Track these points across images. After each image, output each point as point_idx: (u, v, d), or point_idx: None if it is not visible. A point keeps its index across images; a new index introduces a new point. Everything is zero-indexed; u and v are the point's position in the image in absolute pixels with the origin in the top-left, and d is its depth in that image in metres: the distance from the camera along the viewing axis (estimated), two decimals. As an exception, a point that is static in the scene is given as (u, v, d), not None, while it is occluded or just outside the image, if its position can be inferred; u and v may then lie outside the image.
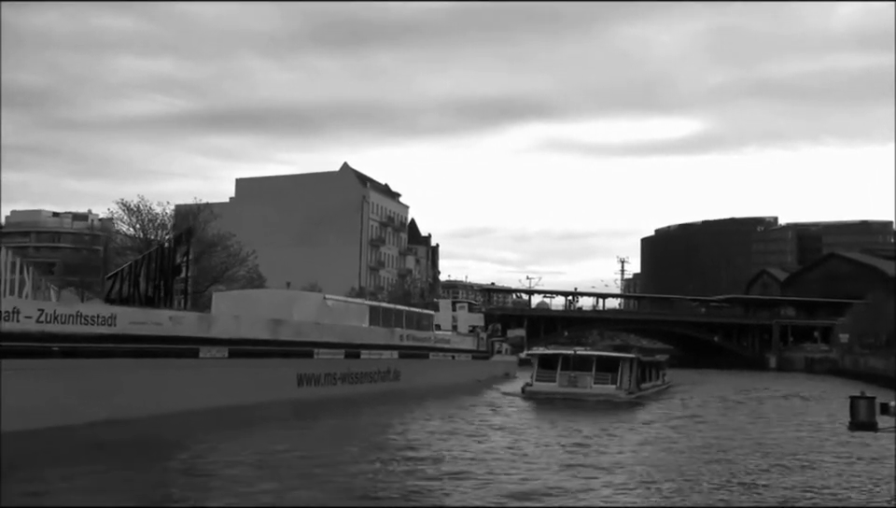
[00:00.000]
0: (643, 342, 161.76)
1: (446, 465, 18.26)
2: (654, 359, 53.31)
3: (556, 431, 26.16)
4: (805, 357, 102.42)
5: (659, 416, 33.27)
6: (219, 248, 47.00)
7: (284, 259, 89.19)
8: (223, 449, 20.42)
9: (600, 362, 40.63)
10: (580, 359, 41.05)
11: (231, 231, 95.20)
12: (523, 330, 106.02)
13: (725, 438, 25.46)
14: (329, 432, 25.19)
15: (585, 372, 39.65)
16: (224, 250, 47.03)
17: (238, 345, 30.17)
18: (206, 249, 46.04)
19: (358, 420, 29.30)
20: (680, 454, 21.72)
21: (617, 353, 45.71)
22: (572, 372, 39.71)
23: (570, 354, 41.71)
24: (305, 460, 18.52)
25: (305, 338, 34.82)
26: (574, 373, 39.55)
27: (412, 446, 21.56)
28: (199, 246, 45.07)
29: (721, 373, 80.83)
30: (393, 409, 32.88)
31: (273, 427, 25.57)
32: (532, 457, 20.11)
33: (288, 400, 32.27)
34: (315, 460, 18.40)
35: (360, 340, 39.77)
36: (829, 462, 20.55)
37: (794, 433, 27.77)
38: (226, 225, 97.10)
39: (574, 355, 41.37)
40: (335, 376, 36.70)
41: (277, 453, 19.51)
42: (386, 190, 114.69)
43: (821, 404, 42.36)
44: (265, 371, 31.58)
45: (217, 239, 47.25)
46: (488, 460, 18.98)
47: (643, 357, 48.09)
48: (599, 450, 21.60)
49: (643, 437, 25.66)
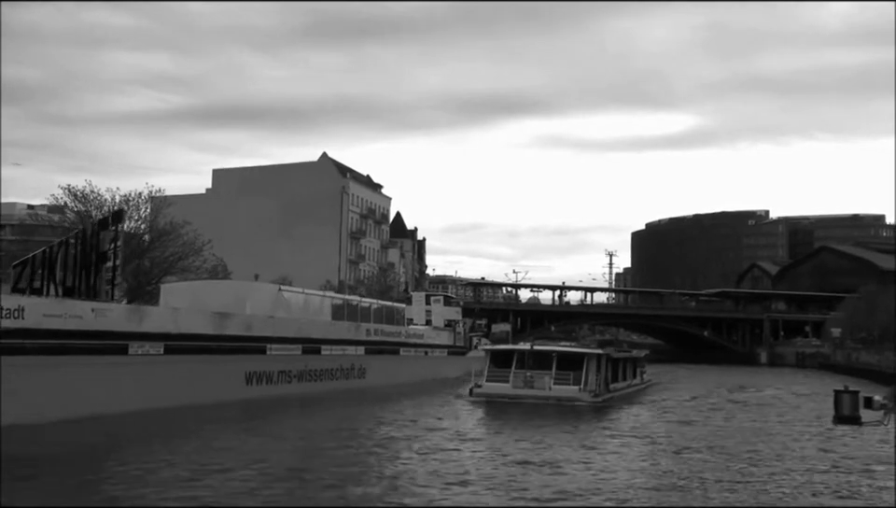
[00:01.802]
0: (633, 336, 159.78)
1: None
2: (630, 354, 48.15)
3: (470, 457, 19.38)
4: (796, 351, 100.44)
5: (618, 427, 27.17)
6: (172, 237, 44.17)
7: (260, 251, 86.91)
8: (128, 462, 17.84)
9: (562, 359, 34.99)
10: (538, 355, 35.51)
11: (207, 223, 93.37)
12: (508, 325, 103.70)
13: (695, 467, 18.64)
14: (245, 444, 21.01)
15: (544, 370, 34.45)
16: (177, 239, 44.17)
17: (176, 340, 27.60)
18: (158, 239, 43.30)
19: (282, 427, 25.22)
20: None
21: (582, 348, 39.29)
22: (529, 370, 34.56)
23: (527, 349, 35.95)
24: (222, 474, 16.03)
25: (256, 333, 32.23)
26: (531, 373, 34.42)
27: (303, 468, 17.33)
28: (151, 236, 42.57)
29: (711, 368, 78.60)
30: (338, 412, 29.74)
31: (203, 433, 22.90)
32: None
33: (235, 400, 29.82)
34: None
35: (321, 335, 37.17)
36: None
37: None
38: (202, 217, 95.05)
39: (531, 350, 35.71)
40: (290, 374, 34.15)
41: (185, 465, 16.98)
42: (368, 182, 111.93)
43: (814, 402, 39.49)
44: (208, 369, 29.02)
45: (171, 228, 44.57)
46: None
47: (615, 352, 42.96)
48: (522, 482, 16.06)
49: (586, 454, 20.17)
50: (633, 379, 44.63)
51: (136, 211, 41.27)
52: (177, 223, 44.98)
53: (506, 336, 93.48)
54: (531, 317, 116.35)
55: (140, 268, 41.38)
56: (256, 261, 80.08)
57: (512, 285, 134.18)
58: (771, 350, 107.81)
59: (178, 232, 44.53)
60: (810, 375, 69.65)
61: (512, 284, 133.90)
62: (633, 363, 46.05)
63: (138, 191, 41.46)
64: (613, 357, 39.78)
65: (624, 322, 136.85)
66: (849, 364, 72.51)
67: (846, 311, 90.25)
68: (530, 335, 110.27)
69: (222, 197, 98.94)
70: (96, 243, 24.86)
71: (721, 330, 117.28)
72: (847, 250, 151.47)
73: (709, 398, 41.60)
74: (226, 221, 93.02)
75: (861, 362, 70.33)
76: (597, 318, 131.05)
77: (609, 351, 40.88)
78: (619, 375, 40.81)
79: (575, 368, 34.39)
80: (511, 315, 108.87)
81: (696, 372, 71.92)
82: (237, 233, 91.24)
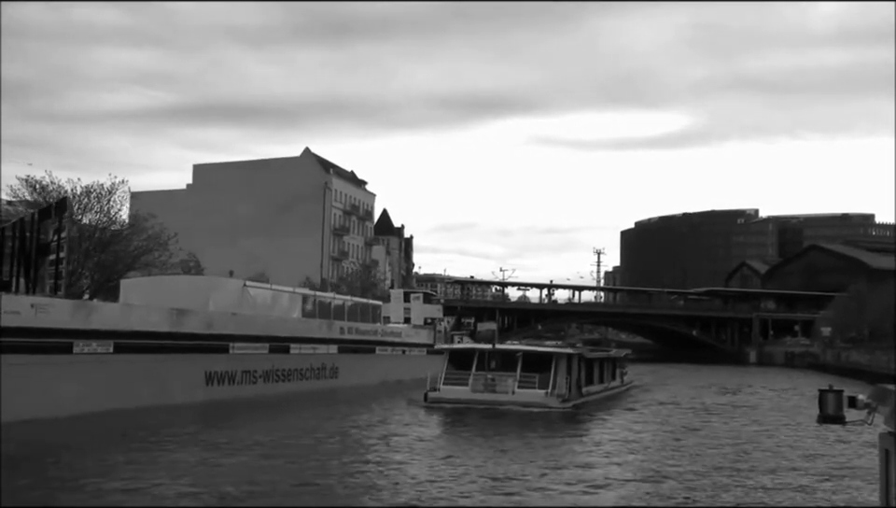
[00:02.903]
0: (622, 335, 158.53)
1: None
2: (608, 354, 44.44)
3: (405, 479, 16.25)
4: (785, 351, 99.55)
5: (585, 440, 23.58)
6: (135, 230, 42.25)
7: (241, 247, 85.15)
8: (55, 473, 16.15)
9: (528, 359, 31.66)
10: (501, 355, 32.21)
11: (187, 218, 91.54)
12: (494, 323, 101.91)
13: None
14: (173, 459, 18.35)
15: (507, 372, 31.16)
16: (141, 233, 42.28)
17: (127, 338, 25.94)
18: (120, 232, 41.46)
19: (232, 433, 22.57)
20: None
21: (551, 347, 36.23)
22: (490, 372, 31.27)
23: (489, 349, 32.53)
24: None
25: (218, 330, 30.60)
26: (493, 375, 31.09)
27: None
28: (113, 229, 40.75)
29: (698, 368, 77.20)
30: (297, 417, 27.79)
31: (138, 441, 20.99)
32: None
33: (194, 402, 28.24)
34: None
35: (290, 332, 35.56)
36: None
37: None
38: (181, 213, 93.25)
39: (493, 350, 32.38)
40: (255, 374, 32.50)
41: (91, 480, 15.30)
42: (352, 178, 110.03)
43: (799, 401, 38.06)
44: (164, 369, 27.42)
45: (134, 220, 42.59)
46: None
47: (589, 351, 39.64)
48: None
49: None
50: (611, 381, 41.47)
51: (98, 203, 39.52)
52: (142, 216, 43.16)
53: (492, 335, 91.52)
54: (518, 316, 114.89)
55: (102, 263, 39.55)
56: (235, 257, 78.36)
57: (500, 283, 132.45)
58: (760, 350, 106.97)
59: (143, 225, 42.68)
60: (799, 376, 68.26)
61: (500, 282, 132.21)
62: (611, 364, 42.80)
63: (100, 182, 39.66)
64: (587, 357, 36.60)
65: (612, 321, 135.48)
66: (839, 364, 71.82)
67: (835, 310, 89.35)
68: (517, 334, 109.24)
69: (202, 192, 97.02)
70: (37, 234, 23.13)
71: (709, 329, 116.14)
72: (837, 249, 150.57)
73: (692, 401, 38.90)
74: (206, 217, 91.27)
75: (851, 362, 69.55)
76: (585, 317, 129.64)
77: (583, 350, 37.99)
78: (594, 377, 37.64)
79: (542, 369, 31.17)
80: (497, 313, 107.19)
81: (684, 372, 70.51)
82: (217, 229, 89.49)
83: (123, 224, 42.08)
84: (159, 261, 43.28)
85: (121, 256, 40.46)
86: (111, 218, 40.50)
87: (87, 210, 39.07)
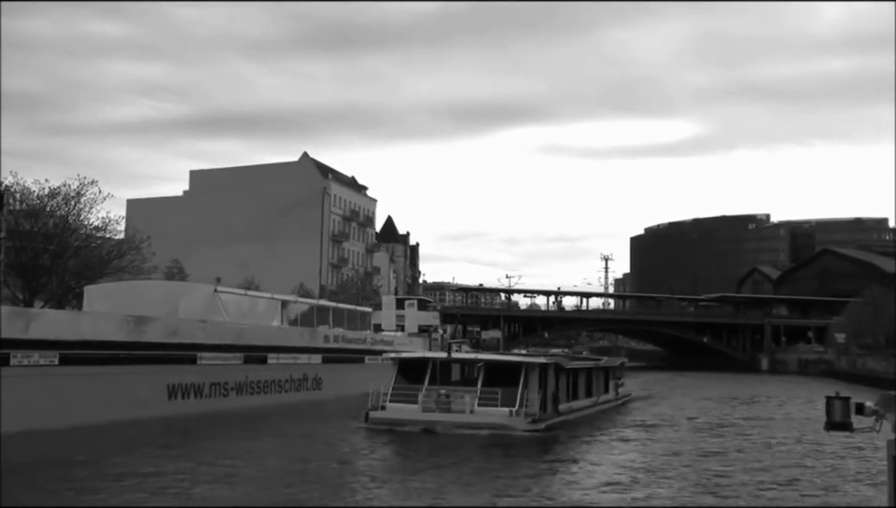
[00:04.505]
0: (632, 343, 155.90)
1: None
2: (597, 363, 38.48)
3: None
4: (798, 358, 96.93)
5: (543, 479, 18.51)
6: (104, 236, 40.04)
7: (236, 254, 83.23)
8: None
9: (491, 371, 26.34)
10: (460, 365, 27.23)
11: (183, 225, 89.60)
12: (499, 331, 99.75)
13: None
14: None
15: (466, 386, 26.08)
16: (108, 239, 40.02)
17: (76, 348, 23.72)
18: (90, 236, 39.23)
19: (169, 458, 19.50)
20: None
21: (520, 356, 30.94)
22: (444, 387, 26.05)
23: (443, 359, 27.04)
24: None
25: (184, 339, 28.40)
26: (448, 390, 25.84)
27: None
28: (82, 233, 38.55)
29: (708, 376, 74.79)
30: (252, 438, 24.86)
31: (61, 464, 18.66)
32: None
33: (154, 417, 25.95)
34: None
35: (267, 341, 33.32)
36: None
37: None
38: (177, 219, 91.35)
39: (449, 359, 27.02)
40: (226, 386, 30.23)
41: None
42: (351, 183, 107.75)
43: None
44: (120, 381, 25.17)
45: (104, 224, 40.41)
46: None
47: (569, 360, 33.87)
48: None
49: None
50: (602, 395, 36.52)
51: (67, 205, 37.35)
52: (112, 219, 40.98)
53: (496, 343, 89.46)
54: (524, 324, 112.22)
55: (70, 268, 37.37)
56: (229, 263, 76.38)
57: (505, 290, 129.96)
58: (772, 357, 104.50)
59: (114, 228, 40.55)
60: (815, 384, 65.56)
61: (506, 289, 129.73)
62: (602, 374, 37.37)
63: (68, 183, 37.50)
64: (567, 367, 30.70)
65: (621, 328, 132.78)
66: (855, 371, 69.65)
67: (850, 316, 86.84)
68: (523, 342, 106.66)
69: (199, 198, 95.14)
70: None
71: (720, 336, 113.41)
72: (850, 253, 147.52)
73: (694, 418, 34.38)
74: (201, 223, 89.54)
75: (867, 369, 67.28)
76: (592, 324, 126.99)
77: (560, 359, 32.13)
78: (578, 391, 32.49)
79: (508, 383, 25.69)
80: (501, 321, 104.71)
81: (693, 380, 68.04)
82: (212, 235, 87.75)
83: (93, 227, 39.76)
84: (132, 267, 41.11)
85: (90, 261, 38.28)
86: (79, 222, 38.37)
87: (51, 213, 36.91)
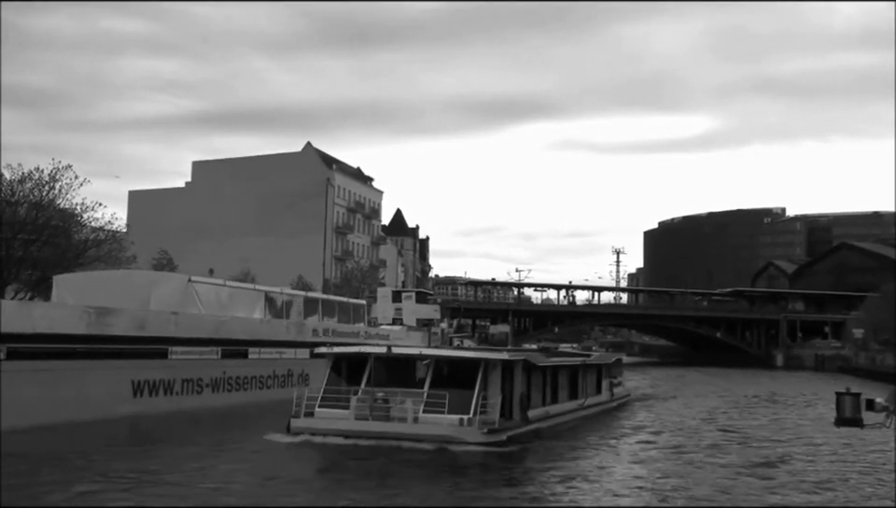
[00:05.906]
0: (645, 338, 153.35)
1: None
2: (584, 360, 31.77)
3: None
4: (814, 354, 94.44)
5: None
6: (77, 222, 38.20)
7: (237, 246, 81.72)
8: None
9: (443, 369, 21.68)
10: (404, 363, 22.12)
11: (185, 216, 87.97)
12: (507, 325, 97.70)
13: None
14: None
15: (409, 388, 21.12)
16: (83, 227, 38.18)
17: (27, 342, 21.85)
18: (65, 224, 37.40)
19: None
20: None
21: (479, 352, 25.19)
22: (382, 388, 21.08)
23: (384, 354, 21.83)
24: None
25: (153, 332, 26.49)
26: (387, 393, 20.97)
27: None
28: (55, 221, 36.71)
29: (721, 372, 72.53)
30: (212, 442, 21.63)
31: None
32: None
33: (117, 416, 24.08)
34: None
35: (247, 335, 31.39)
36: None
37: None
38: (178, 211, 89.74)
39: (391, 355, 21.88)
40: (201, 383, 28.32)
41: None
42: (357, 174, 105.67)
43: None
44: (75, 378, 23.26)
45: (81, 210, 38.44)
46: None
47: (544, 356, 27.67)
48: None
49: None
50: (591, 396, 31.03)
51: (40, 191, 35.55)
52: (87, 205, 39.03)
53: (505, 338, 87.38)
54: (534, 319, 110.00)
55: (41, 258, 35.60)
56: (231, 256, 74.84)
57: (515, 284, 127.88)
58: (788, 352, 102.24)
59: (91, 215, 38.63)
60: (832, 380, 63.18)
61: (515, 283, 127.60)
62: (593, 372, 31.76)
63: (41, 168, 35.66)
64: (539, 364, 24.87)
65: (633, 323, 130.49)
66: (873, 367, 67.55)
67: (868, 311, 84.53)
68: (533, 337, 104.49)
69: (201, 190, 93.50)
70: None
71: (735, 331, 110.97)
72: (868, 247, 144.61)
73: (699, 425, 29.24)
74: (202, 214, 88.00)
75: (886, 365, 64.96)
76: (603, 319, 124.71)
77: (532, 355, 26.42)
78: (559, 393, 27.07)
79: (463, 384, 20.84)
80: (510, 315, 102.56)
81: (705, 377, 65.79)
82: (213, 227, 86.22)
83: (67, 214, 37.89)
84: (109, 257, 39.27)
85: (66, 249, 36.46)
86: (53, 209, 36.55)
87: (22, 200, 35.10)
